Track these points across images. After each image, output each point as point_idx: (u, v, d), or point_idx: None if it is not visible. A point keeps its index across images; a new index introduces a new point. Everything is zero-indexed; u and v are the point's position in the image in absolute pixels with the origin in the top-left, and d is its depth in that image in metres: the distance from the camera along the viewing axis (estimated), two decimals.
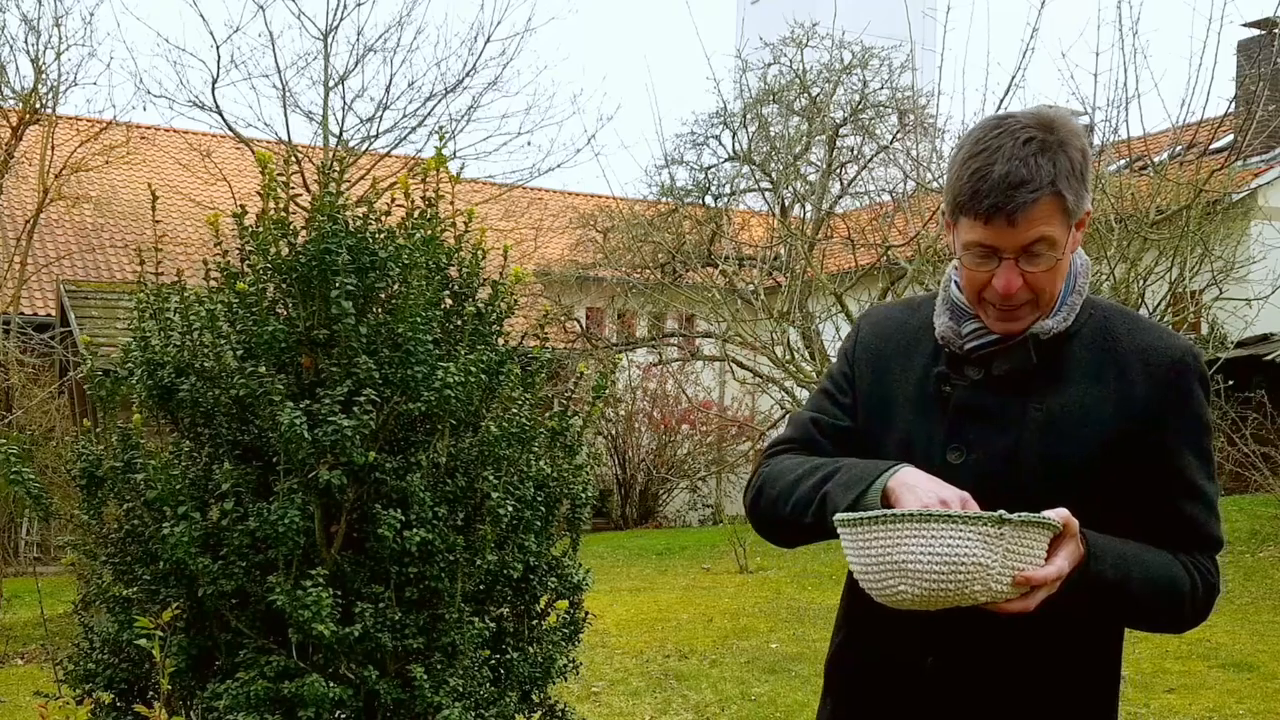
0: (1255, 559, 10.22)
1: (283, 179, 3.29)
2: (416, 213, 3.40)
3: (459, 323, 3.36)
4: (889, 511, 1.57)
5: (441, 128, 14.71)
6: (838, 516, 1.62)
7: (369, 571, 3.09)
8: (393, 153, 15.22)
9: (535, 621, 3.44)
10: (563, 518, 3.47)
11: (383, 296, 3.25)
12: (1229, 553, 10.37)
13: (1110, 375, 1.77)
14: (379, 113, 14.81)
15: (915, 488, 1.67)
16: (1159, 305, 12.03)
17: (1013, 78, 12.49)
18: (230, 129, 14.88)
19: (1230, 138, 13.28)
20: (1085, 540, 1.66)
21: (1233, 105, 12.38)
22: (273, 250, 3.20)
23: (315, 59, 14.60)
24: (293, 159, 11.35)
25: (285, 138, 14.66)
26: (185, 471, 3.12)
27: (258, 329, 3.10)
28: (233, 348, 3.10)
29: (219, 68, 14.48)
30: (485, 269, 3.53)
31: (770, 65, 16.73)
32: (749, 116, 16.65)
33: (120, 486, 3.19)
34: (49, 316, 15.51)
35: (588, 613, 3.60)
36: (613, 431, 18.41)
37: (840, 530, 1.62)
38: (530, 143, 48.80)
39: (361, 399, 3.00)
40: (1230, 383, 13.26)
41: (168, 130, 17.24)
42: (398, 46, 19.20)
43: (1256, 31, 16.19)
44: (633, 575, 11.79)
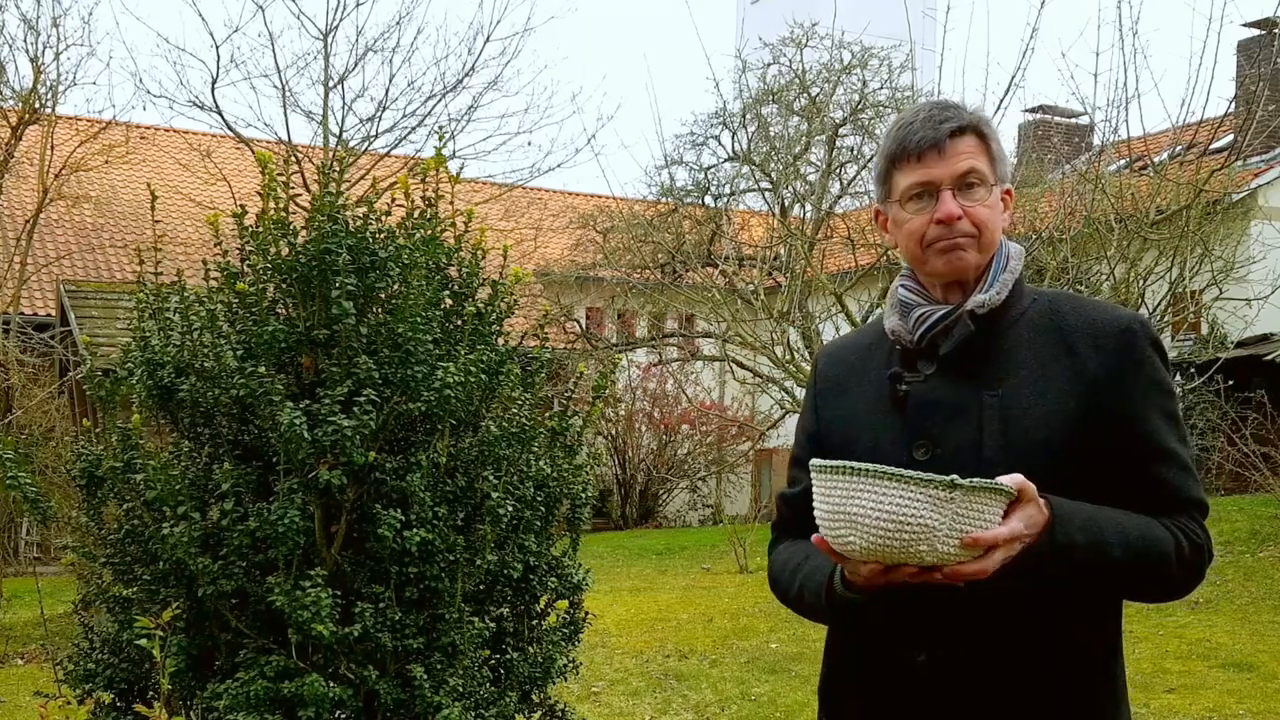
0: (1255, 559, 10.21)
1: (283, 179, 3.29)
2: (416, 213, 3.40)
3: (459, 323, 3.36)
4: (850, 464, 1.62)
5: (441, 128, 14.73)
6: (812, 462, 1.68)
7: (369, 571, 3.09)
8: (393, 153, 15.23)
9: (535, 621, 3.44)
10: (563, 518, 3.47)
11: (383, 296, 3.25)
12: (1229, 553, 10.37)
13: (1060, 354, 1.79)
14: (379, 113, 14.83)
15: None
16: (1159, 305, 12.03)
17: (1013, 78, 12.51)
18: (230, 129, 14.89)
19: (1230, 138, 13.29)
20: (1050, 505, 1.66)
21: (1233, 105, 12.39)
22: (273, 250, 3.20)
23: (315, 59, 14.63)
24: (293, 159, 11.37)
25: (285, 138, 14.66)
26: (185, 471, 3.12)
27: (258, 329, 3.10)
28: (233, 348, 3.10)
29: (219, 68, 14.51)
30: (485, 269, 3.53)
31: (770, 65, 16.75)
32: (749, 116, 16.67)
33: (120, 486, 3.19)
34: (49, 316, 15.52)
35: (588, 613, 3.60)
36: (613, 431, 18.41)
37: (813, 475, 1.68)
38: (530, 142, 48.93)
39: (361, 399, 3.00)
40: (1230, 383, 13.27)
41: (168, 130, 17.24)
42: (397, 46, 19.20)
43: (1256, 31, 16.19)
44: (633, 575, 11.79)
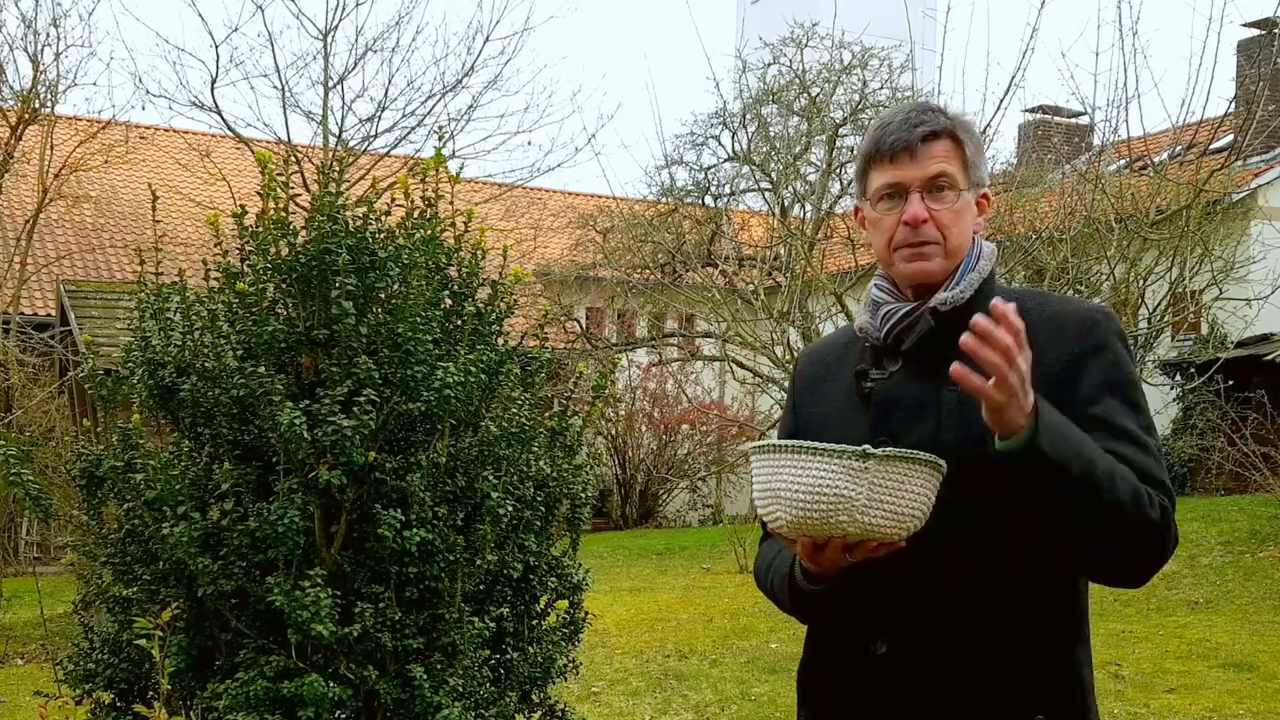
0: (1255, 559, 10.21)
1: (282, 179, 3.29)
2: (416, 213, 3.40)
3: (459, 323, 3.36)
4: (773, 442, 1.70)
5: (441, 127, 14.72)
6: (744, 446, 1.72)
7: (369, 571, 3.09)
8: (392, 152, 15.21)
9: (535, 621, 3.44)
10: (563, 518, 3.47)
11: (383, 296, 3.25)
12: (1229, 553, 10.37)
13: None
14: (378, 112, 14.81)
15: None
16: (1159, 305, 12.03)
17: (1013, 78, 12.52)
18: (230, 129, 14.88)
19: (1230, 138, 13.29)
20: (1036, 411, 1.60)
21: (1233, 105, 12.39)
22: (273, 250, 3.20)
23: (315, 59, 14.61)
24: (292, 159, 11.36)
25: (285, 138, 14.65)
26: (185, 471, 3.12)
27: (258, 329, 3.10)
28: (233, 348, 3.10)
29: (218, 67, 14.48)
30: (485, 269, 3.53)
31: (770, 65, 16.74)
32: (749, 116, 16.66)
33: (120, 486, 3.19)
34: (49, 316, 15.52)
35: (588, 613, 3.60)
36: (613, 431, 18.40)
37: (751, 459, 1.75)
38: (530, 142, 48.96)
39: (361, 399, 3.00)
40: (1230, 383, 13.27)
41: (167, 130, 17.22)
42: (397, 46, 19.21)
43: (1256, 31, 16.20)
44: (633, 575, 11.79)
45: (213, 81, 14.34)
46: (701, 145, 17.60)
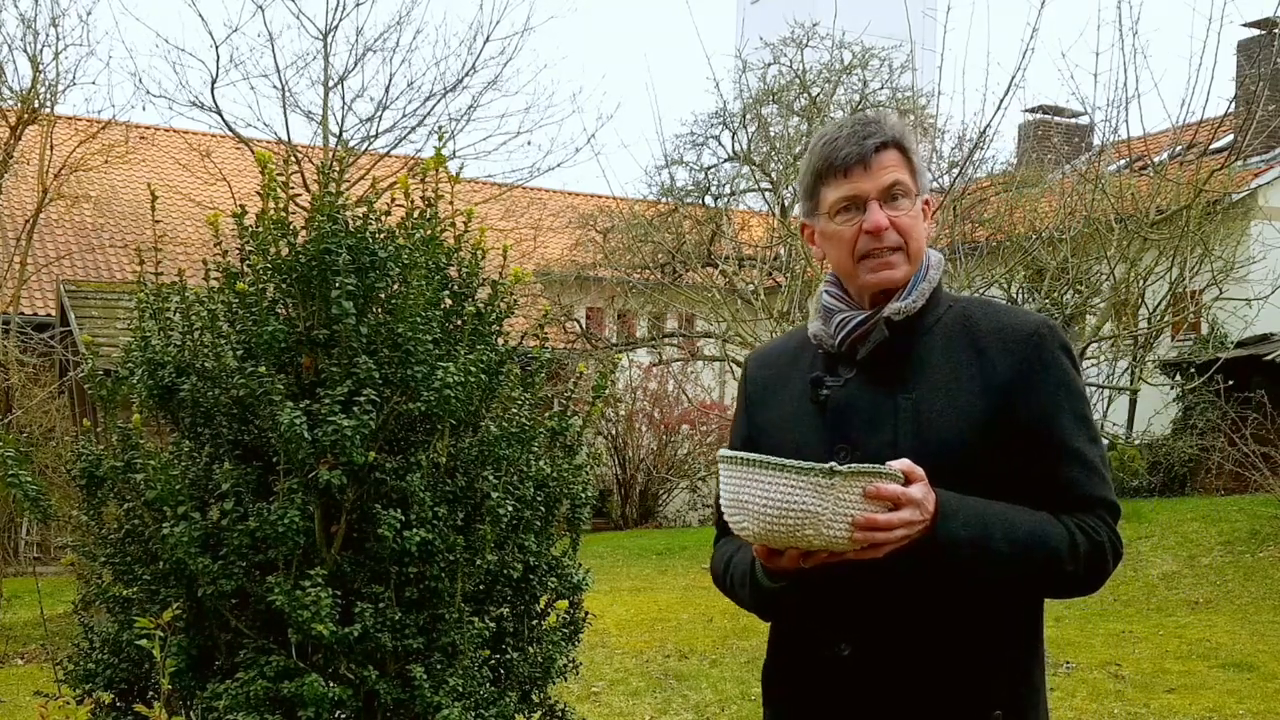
0: (1255, 559, 10.21)
1: (282, 179, 3.29)
2: (416, 213, 3.39)
3: (459, 323, 3.36)
4: (743, 454, 1.72)
5: (441, 127, 14.71)
6: (719, 453, 1.77)
7: (369, 571, 3.09)
8: (392, 153, 15.22)
9: (535, 621, 3.44)
10: (563, 518, 3.47)
11: (383, 296, 3.25)
12: (1229, 553, 10.37)
13: (971, 358, 1.86)
14: (379, 113, 14.83)
15: None
16: (1159, 305, 12.05)
17: (1013, 78, 12.52)
18: (230, 129, 14.88)
19: (1230, 138, 13.29)
20: (937, 500, 1.72)
21: (1233, 105, 12.39)
22: (273, 250, 3.20)
23: (315, 59, 14.63)
24: (292, 159, 11.36)
25: (285, 138, 14.66)
26: (185, 471, 3.12)
27: (258, 329, 3.10)
28: (233, 348, 3.10)
29: (218, 68, 14.50)
30: (485, 269, 3.53)
31: (770, 65, 16.75)
32: (749, 117, 16.67)
33: (120, 486, 3.19)
34: (49, 316, 15.51)
35: (588, 613, 3.60)
36: (613, 431, 18.40)
37: (719, 465, 1.78)
38: (530, 142, 48.87)
39: (361, 399, 3.00)
40: (1230, 383, 13.27)
41: (167, 130, 17.24)
42: (397, 46, 19.22)
43: (1256, 31, 16.20)
44: (633, 575, 11.79)
45: (213, 81, 14.36)
46: (701, 145, 17.61)
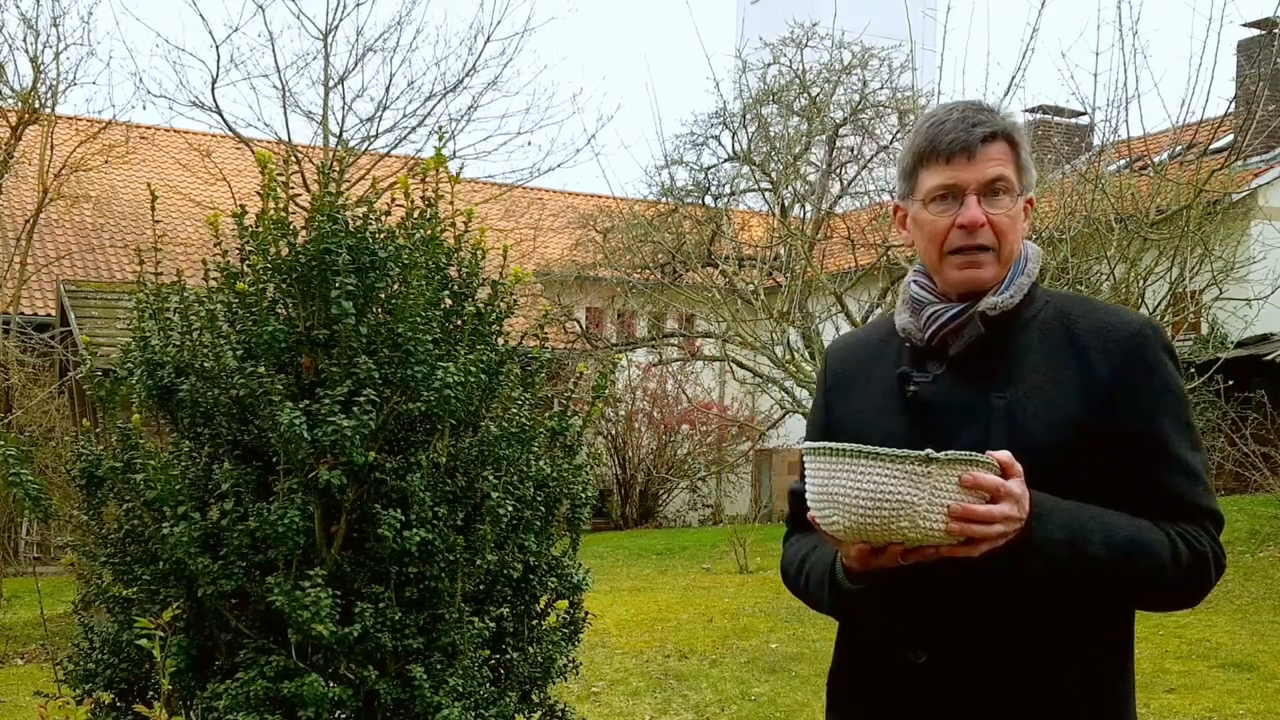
0: (1255, 559, 10.22)
1: (282, 179, 3.29)
2: (416, 213, 3.40)
3: (459, 323, 3.36)
4: (831, 445, 1.63)
5: (441, 128, 14.71)
6: (802, 445, 1.70)
7: (369, 571, 3.09)
8: (393, 153, 15.22)
9: (535, 621, 3.44)
10: (563, 518, 3.47)
11: (383, 296, 3.25)
12: (1229, 553, 10.34)
13: (1070, 358, 1.76)
14: (379, 113, 14.82)
15: None
16: (1159, 305, 12.03)
17: (1013, 78, 12.50)
18: (230, 129, 14.88)
19: (1230, 138, 13.28)
20: (1032, 500, 1.63)
21: (1233, 105, 12.38)
22: (273, 250, 3.20)
23: (315, 59, 14.61)
24: (293, 159, 11.36)
25: (285, 138, 14.66)
26: (185, 471, 3.12)
27: (258, 329, 3.10)
28: (233, 348, 3.10)
29: (219, 68, 14.50)
30: (485, 269, 3.53)
31: (770, 65, 16.74)
32: (749, 117, 16.66)
33: (120, 486, 3.19)
34: (49, 316, 15.52)
35: (588, 613, 3.60)
36: (613, 431, 18.41)
37: (804, 458, 1.70)
38: (530, 142, 48.86)
39: (361, 399, 3.00)
40: (1230, 383, 13.25)
41: (168, 130, 17.24)
42: (397, 46, 19.21)
43: (1256, 31, 16.19)
44: (633, 575, 11.79)
45: (213, 81, 14.36)
46: (701, 145, 17.60)
